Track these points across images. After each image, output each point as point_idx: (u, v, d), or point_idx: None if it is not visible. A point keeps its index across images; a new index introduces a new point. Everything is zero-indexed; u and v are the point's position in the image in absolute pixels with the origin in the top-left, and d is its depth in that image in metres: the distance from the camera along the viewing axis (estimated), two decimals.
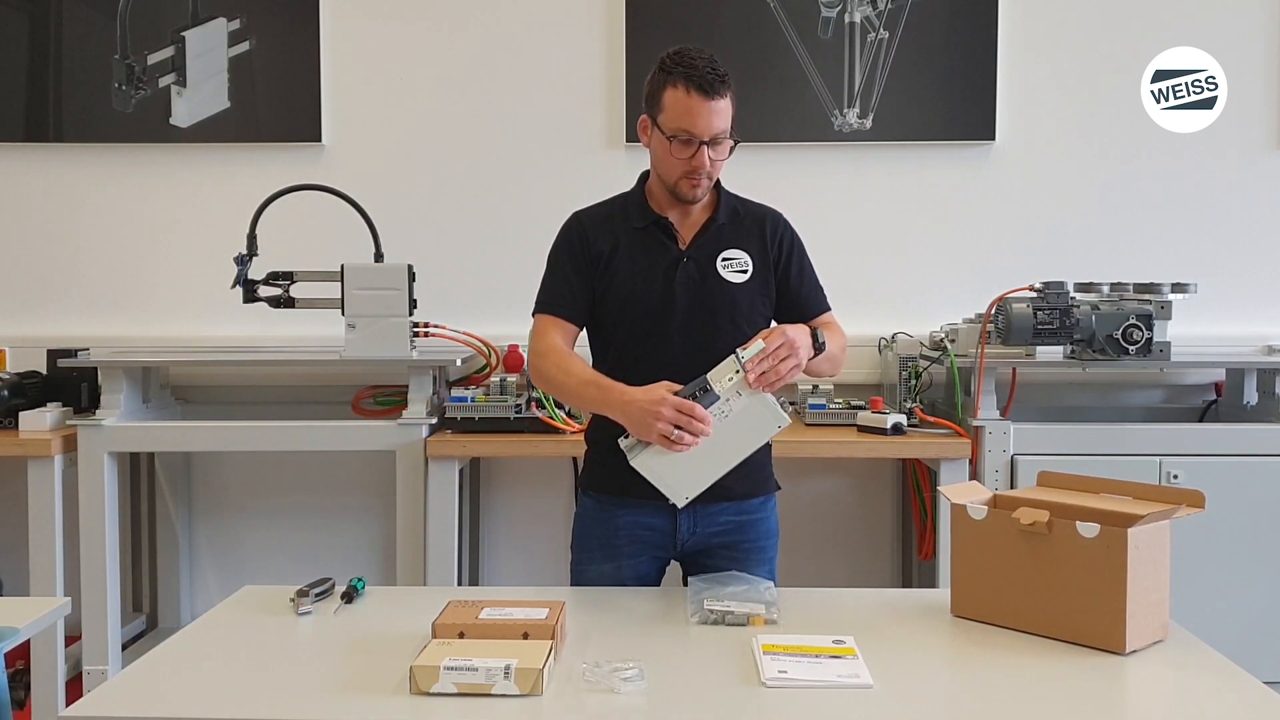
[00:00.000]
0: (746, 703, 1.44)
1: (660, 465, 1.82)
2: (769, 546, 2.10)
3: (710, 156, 1.94)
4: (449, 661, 1.44)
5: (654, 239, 2.03)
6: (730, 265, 2.02)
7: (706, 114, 1.90)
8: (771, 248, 2.06)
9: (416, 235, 3.41)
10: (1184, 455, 2.94)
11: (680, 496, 1.86)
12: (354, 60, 3.54)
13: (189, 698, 1.47)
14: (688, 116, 1.91)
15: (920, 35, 3.46)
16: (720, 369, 1.82)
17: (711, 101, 1.90)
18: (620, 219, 2.06)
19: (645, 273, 2.01)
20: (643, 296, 2.00)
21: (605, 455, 2.07)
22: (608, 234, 2.04)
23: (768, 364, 1.80)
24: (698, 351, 1.97)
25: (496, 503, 3.62)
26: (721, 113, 1.92)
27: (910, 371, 3.15)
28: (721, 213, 2.05)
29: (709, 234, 2.03)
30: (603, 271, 2.03)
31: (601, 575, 2.05)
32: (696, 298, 2.00)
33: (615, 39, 3.48)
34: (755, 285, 2.03)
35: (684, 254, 2.02)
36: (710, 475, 1.85)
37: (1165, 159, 3.50)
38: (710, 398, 1.79)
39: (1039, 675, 1.53)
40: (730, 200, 2.09)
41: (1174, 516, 1.64)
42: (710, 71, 1.90)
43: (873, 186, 3.54)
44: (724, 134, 1.94)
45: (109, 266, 3.58)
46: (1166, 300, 2.98)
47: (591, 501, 2.11)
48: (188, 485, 3.64)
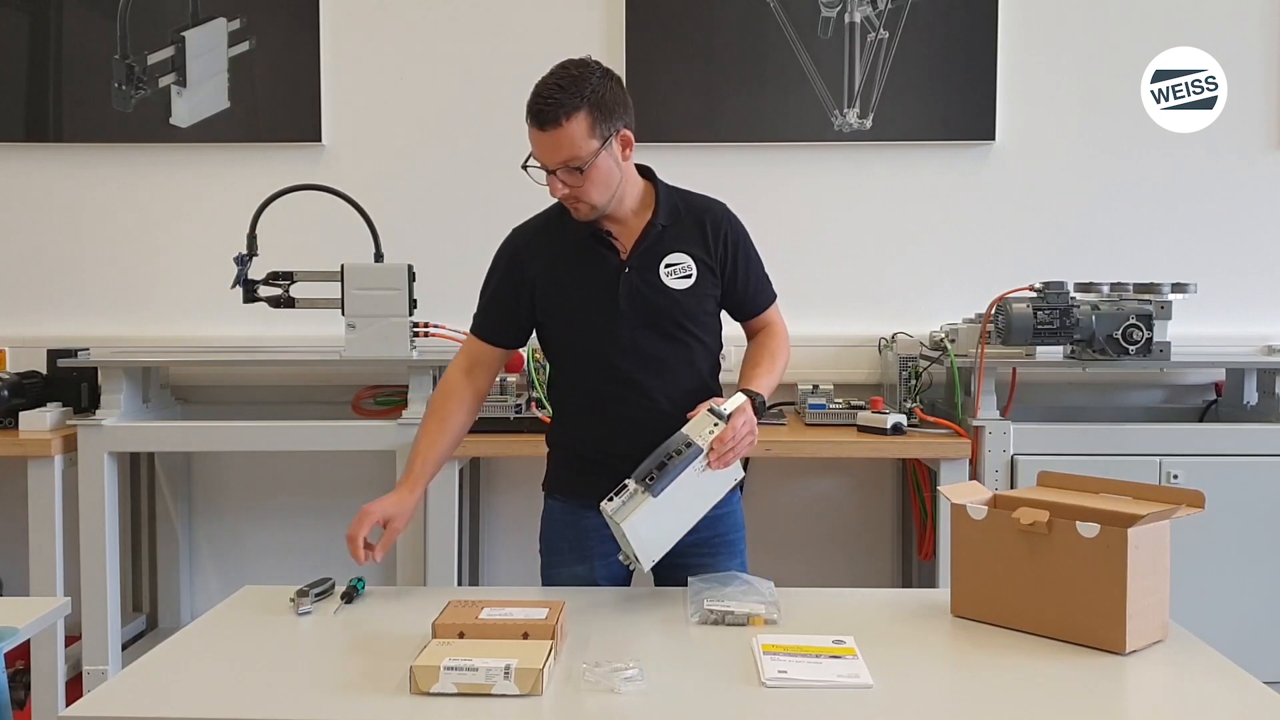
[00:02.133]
0: (746, 703, 1.44)
1: (644, 523, 1.78)
2: (738, 539, 2.11)
3: (566, 182, 1.88)
4: (449, 661, 1.44)
5: (593, 251, 1.99)
6: (674, 271, 1.98)
7: (542, 144, 1.86)
8: (715, 246, 2.01)
9: (416, 235, 3.40)
10: (1184, 455, 2.94)
11: (649, 560, 1.83)
12: (354, 60, 3.54)
13: (189, 698, 1.47)
14: (533, 145, 1.88)
15: (920, 35, 3.46)
16: (696, 423, 1.80)
17: (543, 131, 1.84)
18: (557, 231, 2.03)
19: (587, 287, 1.98)
20: (588, 312, 1.98)
21: (569, 459, 2.11)
22: (544, 251, 2.02)
23: (730, 455, 1.80)
24: (649, 361, 1.97)
25: (496, 503, 3.62)
26: (559, 140, 1.84)
27: (910, 371, 3.15)
28: (661, 215, 1.99)
29: (649, 240, 1.98)
30: (542, 292, 2.01)
31: (574, 577, 2.05)
32: (642, 308, 1.97)
33: (615, 39, 3.48)
34: (701, 287, 2.00)
35: (625, 264, 1.98)
36: (677, 533, 1.85)
37: (1165, 159, 3.50)
38: (695, 451, 1.77)
39: (1039, 675, 1.52)
40: (670, 199, 2.02)
41: (1174, 516, 1.64)
42: (542, 101, 1.83)
43: (873, 186, 3.54)
44: (572, 160, 1.85)
45: (109, 266, 3.58)
46: (1166, 300, 2.98)
47: (558, 504, 2.11)
48: (188, 485, 3.64)
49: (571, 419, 2.10)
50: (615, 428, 1.99)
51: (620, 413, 1.99)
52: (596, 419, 2.03)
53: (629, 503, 1.76)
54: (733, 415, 1.80)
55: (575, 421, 2.09)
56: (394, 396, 3.35)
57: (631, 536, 1.77)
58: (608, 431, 2.01)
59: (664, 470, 1.76)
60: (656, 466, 1.76)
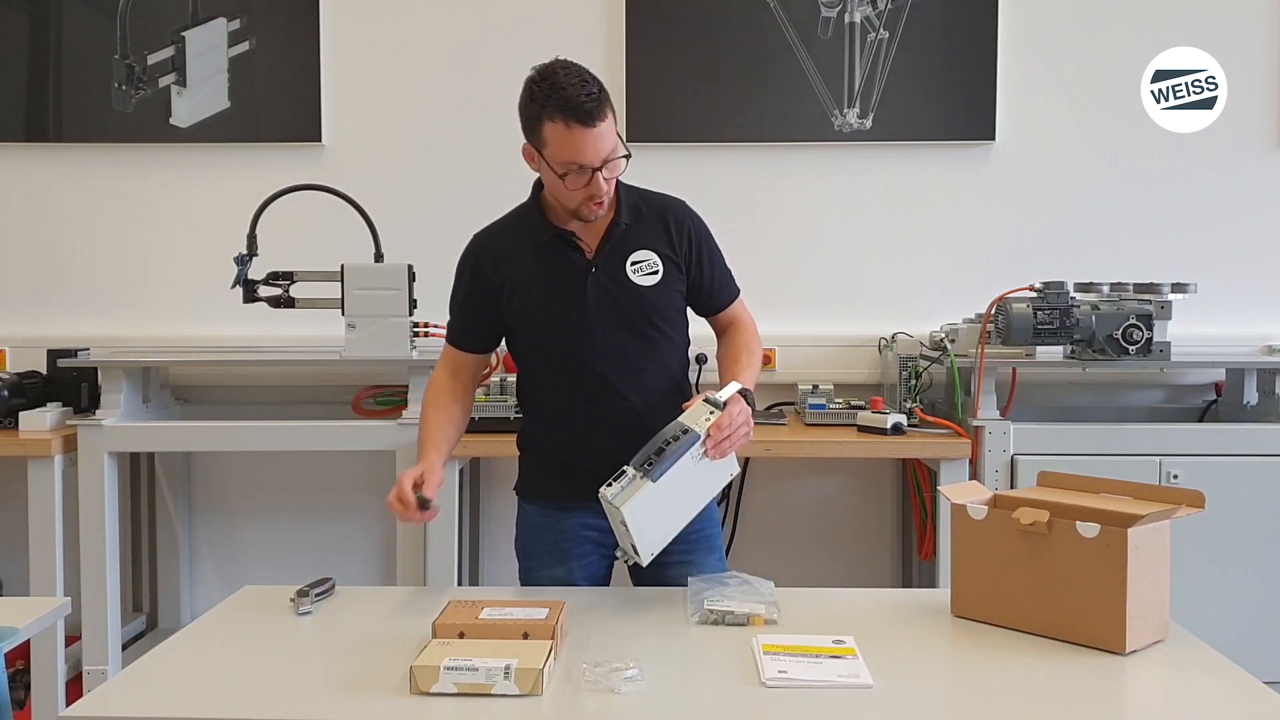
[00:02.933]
0: (746, 703, 1.44)
1: (643, 510, 1.76)
2: (715, 535, 2.11)
3: (605, 177, 1.87)
4: (449, 661, 1.44)
5: (558, 252, 1.98)
6: (640, 269, 1.98)
7: (592, 141, 1.82)
8: (679, 242, 2.01)
9: (416, 235, 3.40)
10: (1184, 455, 2.94)
11: (648, 552, 1.81)
12: (354, 60, 3.54)
13: (189, 698, 1.47)
14: (572, 149, 1.82)
15: (920, 35, 3.46)
16: (693, 412, 1.80)
17: (593, 129, 1.81)
18: (519, 235, 2.01)
19: (555, 289, 1.97)
20: (557, 313, 1.97)
21: (541, 462, 2.11)
22: (508, 256, 2.00)
23: (727, 444, 1.78)
24: (620, 360, 1.97)
25: (496, 503, 3.62)
26: (605, 134, 1.83)
27: (910, 371, 3.15)
28: (624, 214, 1.98)
29: (614, 239, 1.98)
30: (509, 296, 2.00)
31: (554, 579, 2.05)
32: (611, 307, 1.97)
33: (615, 39, 3.47)
34: (667, 284, 2.00)
35: (592, 263, 1.97)
36: (674, 527, 1.84)
37: (1165, 159, 3.50)
38: (692, 437, 1.77)
39: (1039, 675, 1.52)
40: (631, 197, 2.01)
41: (1174, 516, 1.64)
42: (585, 97, 1.80)
43: (873, 186, 3.54)
44: (614, 152, 1.86)
45: (109, 266, 3.58)
46: (1166, 300, 2.98)
47: (532, 507, 2.12)
48: (188, 485, 3.64)
49: (544, 421, 2.09)
50: (588, 428, 2.00)
51: (593, 413, 2.00)
52: (569, 420, 2.03)
53: (628, 488, 1.75)
54: (728, 404, 1.81)
55: (548, 424, 2.08)
56: (394, 396, 3.35)
57: (631, 522, 1.76)
58: (581, 432, 2.01)
59: (662, 456, 1.76)
60: (655, 452, 1.76)
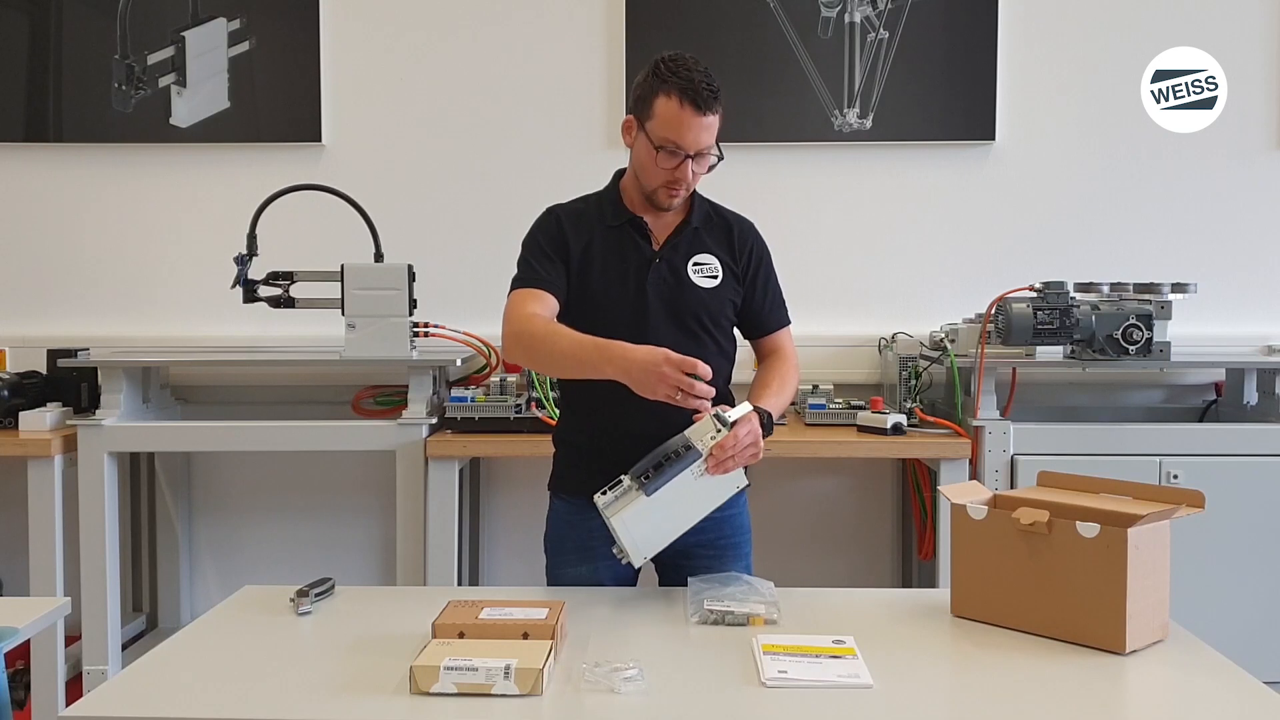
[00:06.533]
0: (746, 703, 1.44)
1: (635, 521, 1.77)
2: (744, 542, 2.11)
3: (693, 169, 1.94)
4: (449, 661, 1.43)
5: (627, 238, 2.02)
6: (701, 270, 2.02)
7: (697, 128, 1.89)
8: (740, 256, 2.06)
9: (416, 235, 3.41)
10: (1184, 455, 2.94)
11: (640, 556, 1.82)
12: (354, 60, 3.54)
13: (189, 698, 1.47)
14: (677, 128, 1.89)
15: (920, 35, 3.46)
16: (699, 427, 1.78)
17: (703, 117, 1.88)
18: (595, 216, 2.05)
19: (618, 271, 2.01)
20: (615, 296, 2.00)
21: (575, 457, 2.09)
22: (583, 230, 2.03)
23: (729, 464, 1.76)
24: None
25: (496, 503, 3.62)
26: (710, 128, 1.91)
27: (910, 371, 3.15)
28: (695, 217, 2.04)
29: (682, 236, 2.03)
30: (576, 267, 2.01)
31: (579, 577, 2.04)
32: (668, 299, 2.00)
33: (615, 39, 3.48)
34: (724, 291, 2.03)
35: (656, 254, 2.01)
36: (671, 534, 1.83)
37: (1165, 159, 3.50)
38: (693, 455, 1.76)
39: (1039, 675, 1.52)
40: (704, 205, 2.08)
41: (1174, 516, 1.64)
42: (706, 86, 1.88)
43: (873, 186, 3.54)
44: (710, 149, 1.93)
45: (109, 266, 3.58)
46: (1166, 300, 2.98)
47: (563, 504, 2.10)
48: (188, 485, 3.64)
49: (584, 412, 2.08)
50: (629, 422, 1.94)
51: (638, 405, 1.93)
52: (610, 410, 1.97)
53: (622, 498, 1.76)
54: (736, 424, 1.78)
55: (587, 415, 2.06)
56: (394, 396, 3.35)
57: (621, 532, 1.77)
58: (620, 425, 1.96)
59: (660, 471, 1.75)
60: (653, 466, 1.76)
